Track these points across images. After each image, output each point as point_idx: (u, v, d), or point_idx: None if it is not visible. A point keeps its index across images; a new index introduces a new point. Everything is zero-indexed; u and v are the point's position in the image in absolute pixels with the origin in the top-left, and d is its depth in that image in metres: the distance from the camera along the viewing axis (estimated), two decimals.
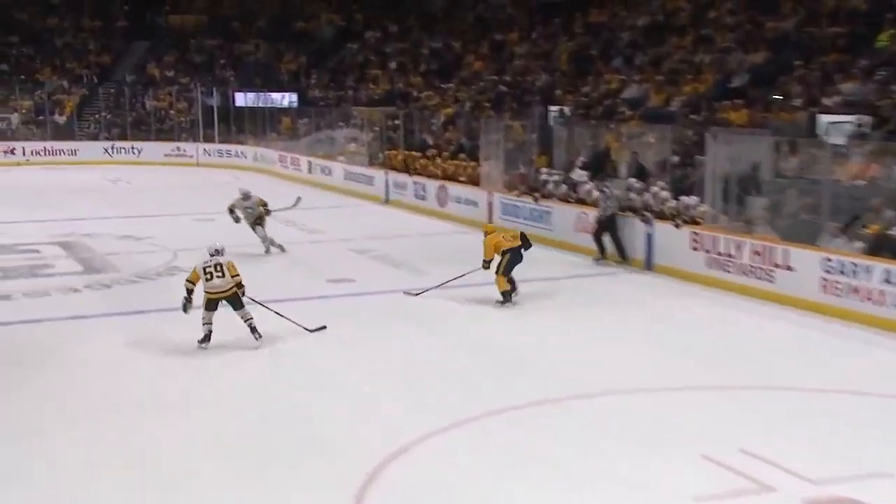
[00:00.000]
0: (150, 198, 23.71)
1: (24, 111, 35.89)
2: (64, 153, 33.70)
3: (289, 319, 10.06)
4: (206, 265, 9.70)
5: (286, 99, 34.21)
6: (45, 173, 30.60)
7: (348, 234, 17.48)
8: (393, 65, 32.43)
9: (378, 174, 23.38)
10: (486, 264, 11.74)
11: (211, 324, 9.66)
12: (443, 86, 28.32)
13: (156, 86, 37.10)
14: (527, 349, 9.73)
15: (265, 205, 15.20)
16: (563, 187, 16.56)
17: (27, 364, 9.34)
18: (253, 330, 9.74)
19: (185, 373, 9.05)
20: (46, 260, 14.92)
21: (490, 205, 18.25)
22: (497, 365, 9.10)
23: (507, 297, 11.64)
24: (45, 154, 33.65)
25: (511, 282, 11.75)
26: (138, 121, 35.67)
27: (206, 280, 9.63)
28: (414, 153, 22.88)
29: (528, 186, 17.43)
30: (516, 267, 11.75)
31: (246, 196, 15.23)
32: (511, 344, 9.97)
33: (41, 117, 35.61)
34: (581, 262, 14.48)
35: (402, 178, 22.06)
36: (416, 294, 11.90)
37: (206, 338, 9.67)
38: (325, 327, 10.28)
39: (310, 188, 24.75)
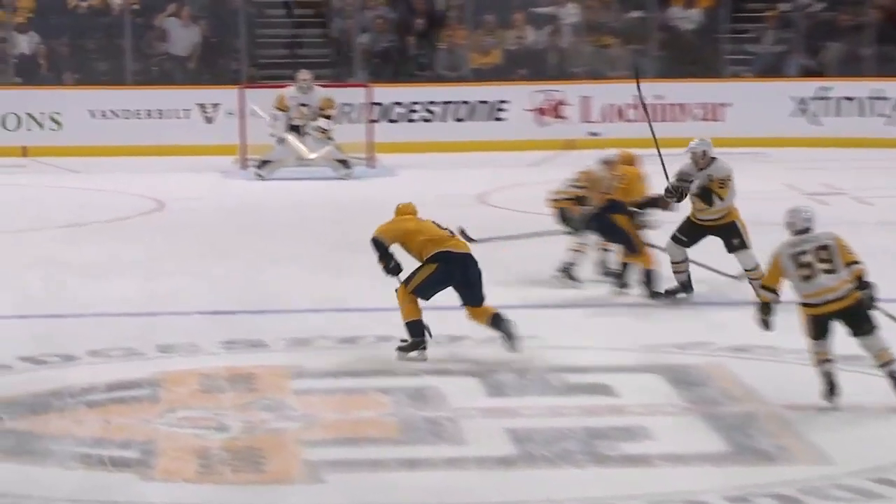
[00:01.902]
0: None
1: None
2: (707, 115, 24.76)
3: None
4: (797, 250, 9.88)
5: None
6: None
7: None
8: None
9: None
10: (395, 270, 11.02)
11: (832, 361, 9.41)
12: None
13: None
14: None
15: (723, 182, 14.18)
16: None
17: None
18: None
19: None
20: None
21: None
22: None
23: (416, 341, 10.58)
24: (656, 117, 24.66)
25: (416, 330, 10.81)
26: None
27: (802, 279, 9.77)
28: None
29: None
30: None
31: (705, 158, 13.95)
32: None
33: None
34: None
35: None
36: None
37: (830, 384, 9.31)
38: None
39: None
